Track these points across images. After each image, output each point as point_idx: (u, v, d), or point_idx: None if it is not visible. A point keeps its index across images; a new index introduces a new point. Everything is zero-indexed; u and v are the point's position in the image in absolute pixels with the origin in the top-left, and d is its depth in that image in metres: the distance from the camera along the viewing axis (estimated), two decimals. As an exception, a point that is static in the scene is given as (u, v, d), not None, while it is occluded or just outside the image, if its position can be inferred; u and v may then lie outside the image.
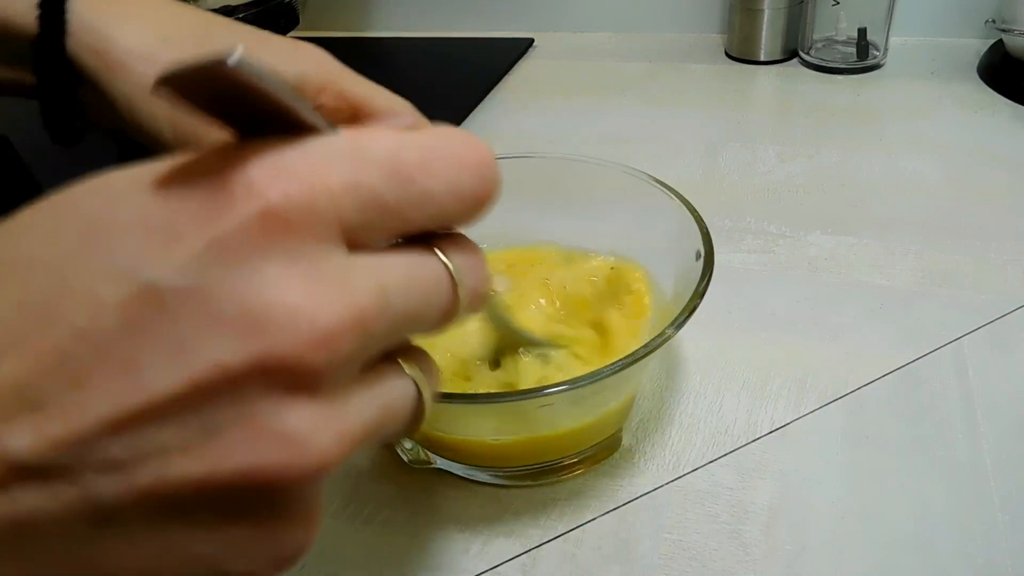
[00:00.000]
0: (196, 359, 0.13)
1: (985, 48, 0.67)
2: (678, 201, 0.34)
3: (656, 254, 0.36)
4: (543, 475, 0.32)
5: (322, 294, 0.14)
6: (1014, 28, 0.59)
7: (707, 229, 0.32)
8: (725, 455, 0.33)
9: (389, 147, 0.16)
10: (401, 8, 0.89)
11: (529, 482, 0.33)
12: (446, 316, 0.17)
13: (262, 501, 0.14)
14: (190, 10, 0.35)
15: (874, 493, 0.31)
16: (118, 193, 0.14)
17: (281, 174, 0.14)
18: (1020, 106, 0.59)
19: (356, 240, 0.15)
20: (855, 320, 0.40)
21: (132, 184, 0.14)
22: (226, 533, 0.15)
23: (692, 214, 0.33)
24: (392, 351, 0.17)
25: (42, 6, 0.31)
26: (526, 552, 0.30)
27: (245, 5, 0.66)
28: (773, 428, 0.34)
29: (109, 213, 0.14)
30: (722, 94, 0.67)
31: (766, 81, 0.69)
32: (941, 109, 0.60)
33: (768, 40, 0.70)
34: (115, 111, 0.31)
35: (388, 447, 0.35)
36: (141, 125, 0.30)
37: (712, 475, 0.32)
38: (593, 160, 0.38)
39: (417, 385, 0.18)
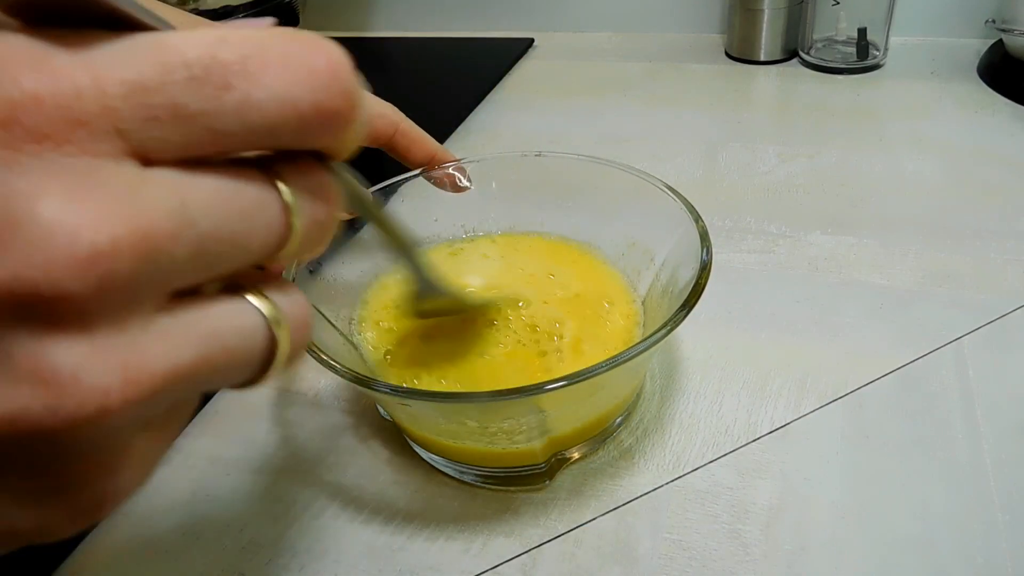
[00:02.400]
0: None
1: (985, 48, 0.67)
2: (678, 201, 0.34)
3: (655, 253, 0.36)
4: (536, 478, 0.32)
5: (90, 206, 0.12)
6: (1014, 28, 0.59)
7: (706, 229, 0.32)
8: (725, 455, 0.33)
9: (205, 45, 0.13)
10: (401, 8, 0.89)
11: (521, 485, 0.33)
12: (275, 246, 0.15)
13: (35, 451, 0.12)
14: (173, 11, 0.36)
15: (874, 493, 0.31)
16: None
17: (36, 66, 0.12)
18: (1020, 106, 0.59)
19: (155, 153, 0.13)
20: (855, 320, 0.40)
21: None
22: (2, 487, 0.13)
23: (691, 214, 0.33)
24: (239, 280, 0.15)
25: None
26: (526, 552, 0.30)
27: (245, 5, 0.66)
28: (773, 428, 0.34)
29: None
30: (722, 94, 0.67)
31: (766, 81, 0.69)
32: (941, 109, 0.60)
33: (768, 40, 0.70)
34: None
35: (376, 417, 0.35)
36: None
37: (712, 475, 0.32)
38: (593, 159, 0.38)
39: (269, 319, 0.15)
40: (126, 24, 0.13)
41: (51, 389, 0.12)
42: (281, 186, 0.15)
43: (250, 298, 0.15)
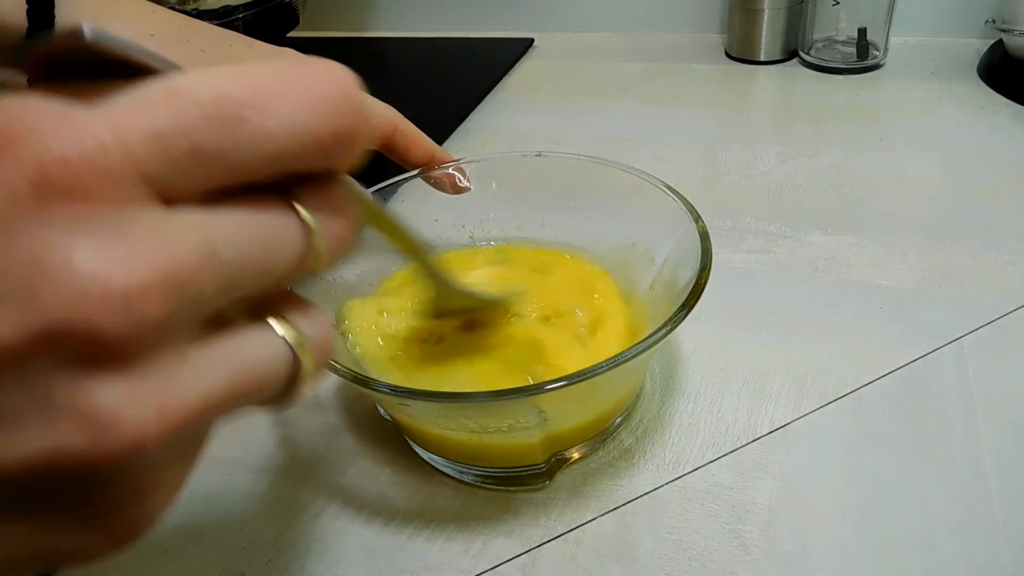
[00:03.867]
0: None
1: (985, 48, 0.67)
2: (678, 201, 0.34)
3: (655, 253, 0.36)
4: (536, 478, 0.32)
5: (120, 253, 0.12)
6: (1014, 28, 0.59)
7: (706, 229, 0.32)
8: (725, 455, 0.33)
9: (215, 84, 0.14)
10: (401, 8, 0.89)
11: (520, 486, 0.33)
12: (299, 266, 0.16)
13: (75, 484, 0.13)
14: (171, 12, 0.36)
15: (874, 493, 0.31)
16: None
17: (61, 127, 0.12)
18: (1020, 106, 0.59)
19: (178, 192, 0.14)
20: (855, 320, 0.40)
21: None
22: (43, 518, 0.14)
23: (691, 214, 0.33)
24: (263, 305, 0.16)
25: (30, 2, 0.31)
26: (526, 552, 0.30)
27: (245, 5, 0.66)
28: (773, 428, 0.34)
29: None
30: (722, 94, 0.67)
31: (766, 81, 0.69)
32: (941, 109, 0.60)
33: (768, 40, 0.70)
34: None
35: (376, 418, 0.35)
36: None
37: (712, 475, 0.32)
38: (593, 159, 0.38)
39: (292, 345, 0.16)
40: (136, 69, 0.14)
41: (91, 427, 0.13)
42: (300, 209, 0.16)
43: (273, 324, 0.16)
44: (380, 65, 0.81)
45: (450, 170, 0.40)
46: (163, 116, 0.13)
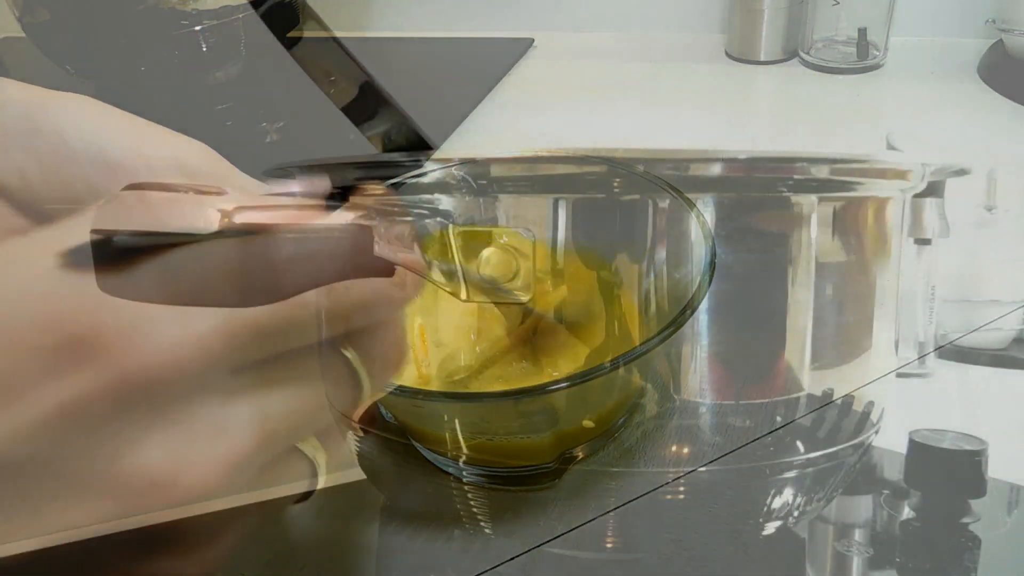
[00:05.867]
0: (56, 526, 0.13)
1: (985, 48, 0.67)
2: (679, 201, 0.34)
3: (656, 254, 0.36)
4: (536, 478, 0.32)
5: (186, 451, 0.14)
6: (1014, 28, 0.59)
7: (708, 229, 0.32)
8: (725, 455, 0.33)
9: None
10: (401, 8, 0.89)
11: (521, 486, 0.33)
12: (350, 410, 0.17)
13: None
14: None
15: (874, 493, 0.31)
16: None
17: (138, 330, 0.13)
18: (1020, 106, 0.59)
19: (241, 365, 0.15)
20: (855, 320, 0.40)
21: None
22: None
23: (692, 214, 0.33)
24: None
25: None
26: (526, 552, 0.30)
27: (245, 5, 0.66)
28: (774, 428, 0.34)
29: None
30: (722, 94, 0.67)
31: (766, 81, 0.69)
32: (941, 109, 0.60)
33: (768, 40, 0.70)
34: None
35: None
36: None
37: (712, 475, 0.32)
38: (593, 159, 0.38)
39: (311, 458, 0.18)
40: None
41: None
42: (357, 367, 0.16)
43: (302, 447, 0.17)
44: (380, 65, 0.80)
45: None
46: (228, 312, 0.14)
